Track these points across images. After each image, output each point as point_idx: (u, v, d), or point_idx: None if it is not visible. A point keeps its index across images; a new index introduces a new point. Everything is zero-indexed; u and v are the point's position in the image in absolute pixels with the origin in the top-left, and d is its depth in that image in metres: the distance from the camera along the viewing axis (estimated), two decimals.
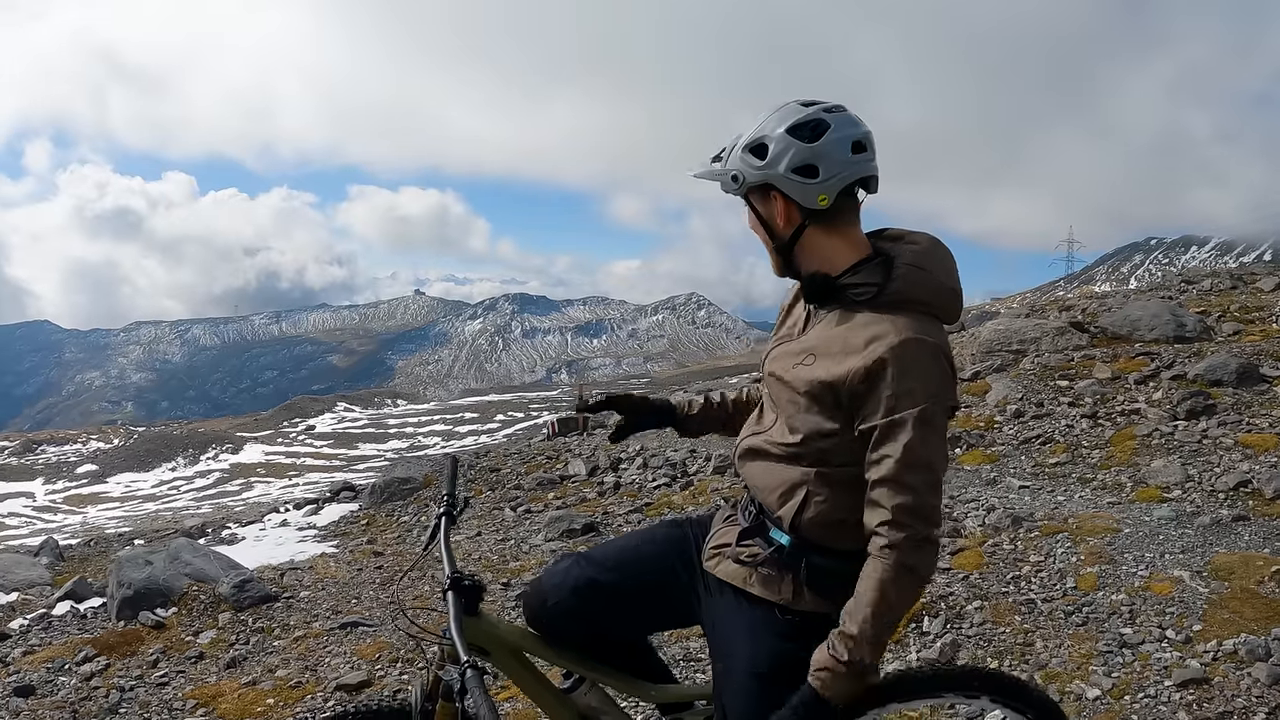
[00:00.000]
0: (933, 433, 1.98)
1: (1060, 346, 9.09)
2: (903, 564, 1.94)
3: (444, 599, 2.19)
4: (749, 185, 2.11)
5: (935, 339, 2.03)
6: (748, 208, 2.18)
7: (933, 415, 1.98)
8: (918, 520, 1.95)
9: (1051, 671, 3.91)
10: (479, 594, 2.27)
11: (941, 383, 2.02)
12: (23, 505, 43.17)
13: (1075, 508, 5.84)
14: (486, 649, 2.33)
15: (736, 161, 2.11)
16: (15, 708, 4.73)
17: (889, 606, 1.95)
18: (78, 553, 11.58)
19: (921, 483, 1.95)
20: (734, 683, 2.19)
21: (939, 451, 2.00)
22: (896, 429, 1.95)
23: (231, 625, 5.77)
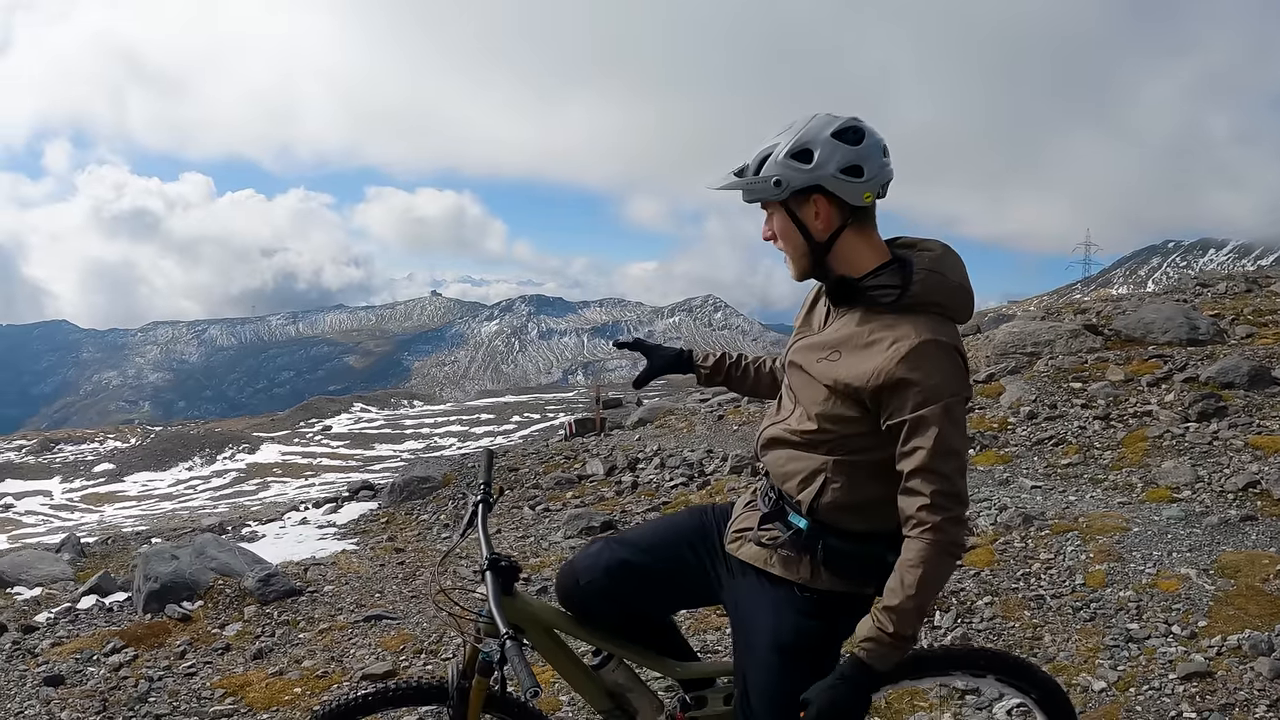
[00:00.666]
0: (956, 424, 2.15)
1: (1074, 349, 9.15)
2: (942, 541, 2.11)
3: (483, 579, 2.36)
4: (792, 189, 2.23)
5: (952, 339, 2.20)
6: (780, 213, 2.28)
7: (955, 408, 2.15)
8: (952, 501, 2.12)
9: (1059, 664, 4.00)
10: (515, 575, 2.44)
11: (960, 378, 2.19)
12: (40, 503, 43.43)
13: (1086, 507, 5.92)
14: (521, 627, 2.47)
15: (778, 169, 2.22)
16: (46, 696, 4.82)
17: (931, 580, 2.12)
18: (98, 549, 11.76)
19: (952, 469, 2.13)
20: (757, 658, 2.32)
21: (963, 440, 2.17)
22: (926, 423, 2.11)
23: (257, 618, 5.88)
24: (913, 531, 2.13)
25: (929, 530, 2.10)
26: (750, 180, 2.25)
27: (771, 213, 2.30)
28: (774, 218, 2.30)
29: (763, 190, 2.24)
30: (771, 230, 2.32)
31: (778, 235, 2.31)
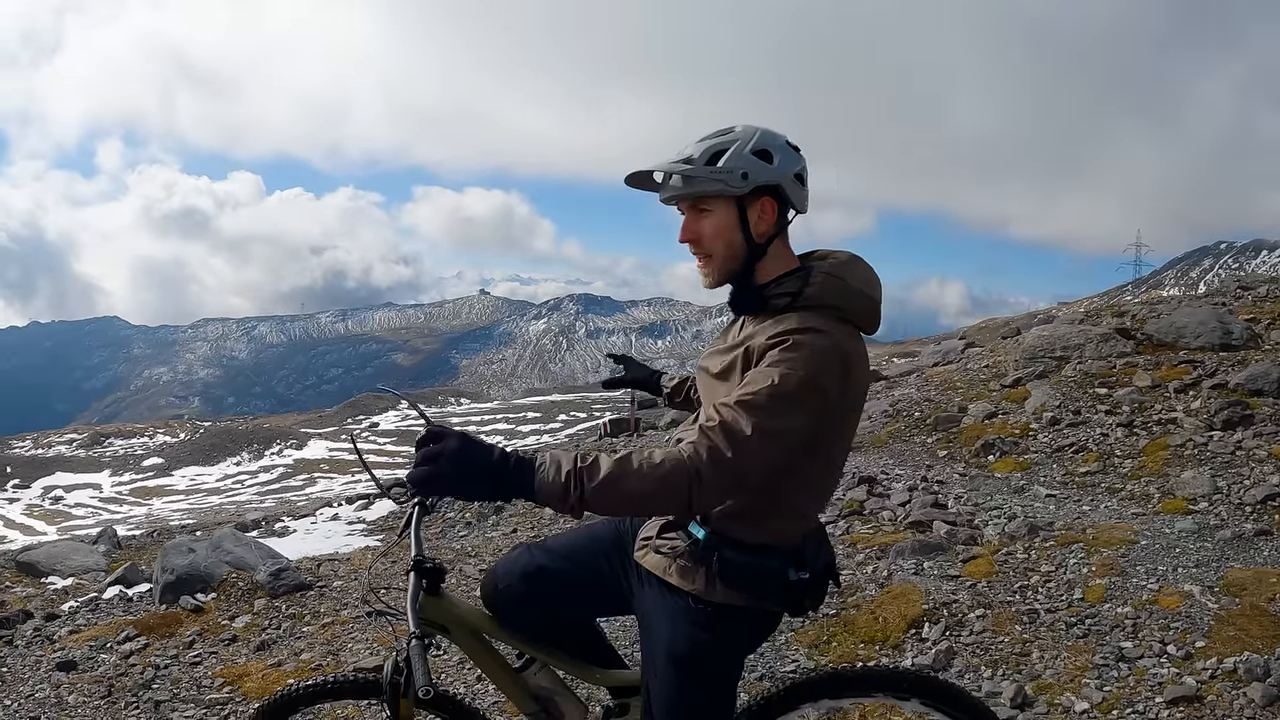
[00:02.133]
0: (788, 400, 2.00)
1: (1104, 353, 8.96)
2: (691, 467, 1.92)
3: (407, 578, 2.36)
4: (755, 184, 2.20)
5: (836, 336, 2.11)
6: (726, 210, 2.23)
7: (796, 387, 2.01)
8: (730, 440, 1.95)
9: (1043, 683, 3.90)
10: (440, 576, 2.44)
11: (824, 371, 2.05)
12: (89, 496, 44.45)
13: (1098, 518, 5.78)
14: (447, 627, 2.49)
15: (743, 162, 2.19)
16: (56, 680, 4.99)
17: (637, 477, 1.90)
18: (135, 542, 12.02)
19: (750, 423, 1.96)
20: (656, 668, 2.31)
21: (782, 418, 1.99)
22: (756, 376, 2.03)
23: (266, 611, 5.97)
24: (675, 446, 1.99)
25: (688, 446, 1.95)
26: (711, 170, 2.18)
27: (708, 210, 2.23)
28: (709, 216, 2.23)
29: (726, 181, 2.18)
30: (696, 230, 2.25)
31: (709, 235, 2.23)
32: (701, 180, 2.20)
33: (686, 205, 2.27)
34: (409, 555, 2.42)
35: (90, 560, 8.58)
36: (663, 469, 1.90)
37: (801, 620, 4.86)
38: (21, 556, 8.18)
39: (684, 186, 2.23)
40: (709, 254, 2.26)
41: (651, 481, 1.90)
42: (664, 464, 1.91)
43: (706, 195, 2.22)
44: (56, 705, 4.71)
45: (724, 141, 2.21)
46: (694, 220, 2.26)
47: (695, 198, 2.24)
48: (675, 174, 2.23)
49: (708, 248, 2.25)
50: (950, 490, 6.78)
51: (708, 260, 2.27)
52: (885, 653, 4.45)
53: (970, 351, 13.86)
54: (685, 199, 2.25)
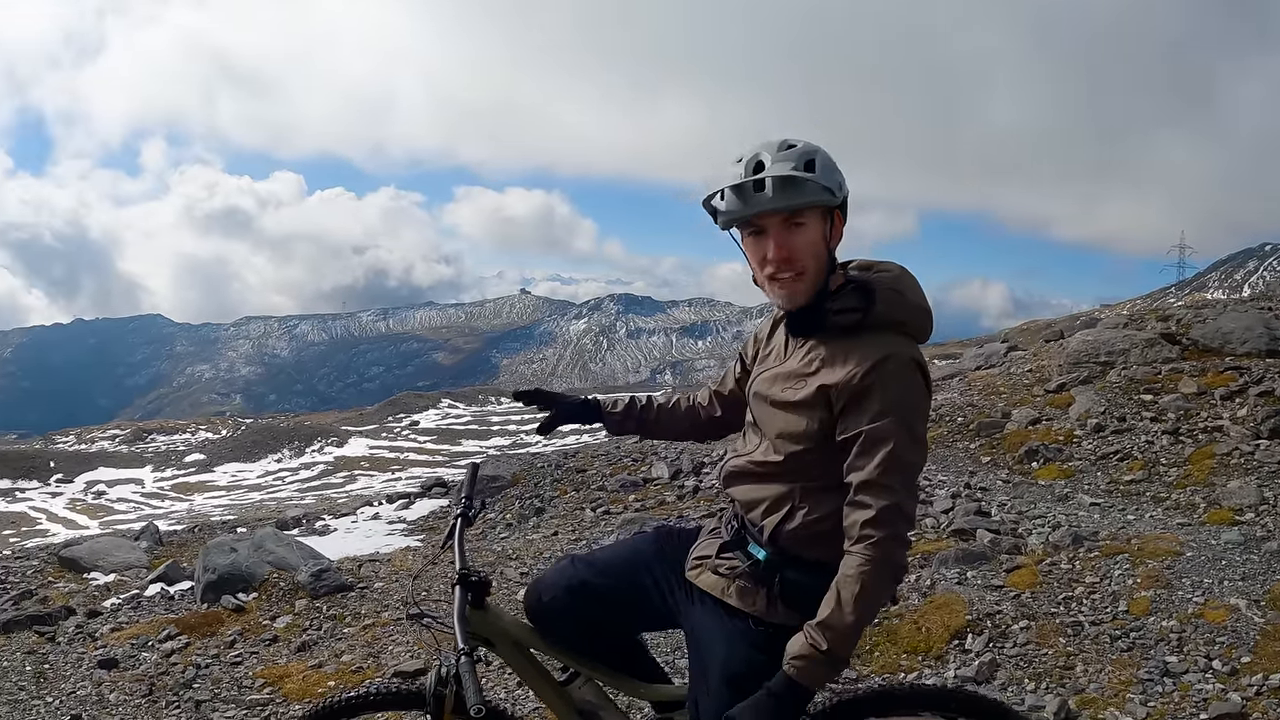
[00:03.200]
0: (914, 439, 2.10)
1: (1149, 359, 8.81)
2: (884, 559, 2.04)
3: (453, 593, 2.36)
4: (843, 196, 2.18)
5: (915, 355, 2.16)
6: (817, 224, 2.17)
7: (914, 423, 2.11)
8: (899, 519, 2.06)
9: (1087, 697, 3.84)
10: (485, 589, 2.44)
11: (921, 394, 2.16)
12: (132, 491, 45.00)
13: (1143, 527, 5.69)
14: (491, 640, 2.50)
15: (834, 175, 2.16)
16: (98, 678, 5.05)
17: (868, 598, 2.04)
18: (177, 538, 12.17)
19: (901, 485, 2.06)
20: (708, 687, 2.29)
21: (918, 455, 2.12)
22: (881, 435, 2.06)
23: (307, 612, 6.00)
24: (854, 547, 2.06)
25: (871, 545, 2.04)
26: (817, 178, 2.11)
27: (803, 224, 2.15)
28: (803, 230, 2.15)
29: (833, 190, 2.14)
30: (791, 245, 2.15)
31: (805, 249, 2.16)
32: (811, 188, 2.11)
33: (778, 220, 2.14)
34: (454, 567, 2.43)
35: (132, 556, 8.67)
36: (868, 586, 2.04)
37: None
38: (64, 552, 8.27)
39: (786, 199, 2.11)
40: (801, 271, 2.17)
41: (872, 602, 2.06)
42: (864, 581, 2.03)
43: (805, 207, 2.14)
44: (98, 703, 4.77)
45: (808, 149, 2.14)
46: (787, 234, 2.15)
47: (795, 209, 2.14)
48: (797, 177, 2.10)
49: (801, 264, 2.17)
50: (994, 498, 6.70)
51: (799, 277, 2.18)
52: (928, 664, 4.41)
53: (1013, 355, 13.69)
54: (783, 211, 2.13)
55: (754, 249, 2.21)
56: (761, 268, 2.21)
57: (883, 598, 2.11)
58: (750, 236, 2.21)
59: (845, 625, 2.03)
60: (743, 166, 2.16)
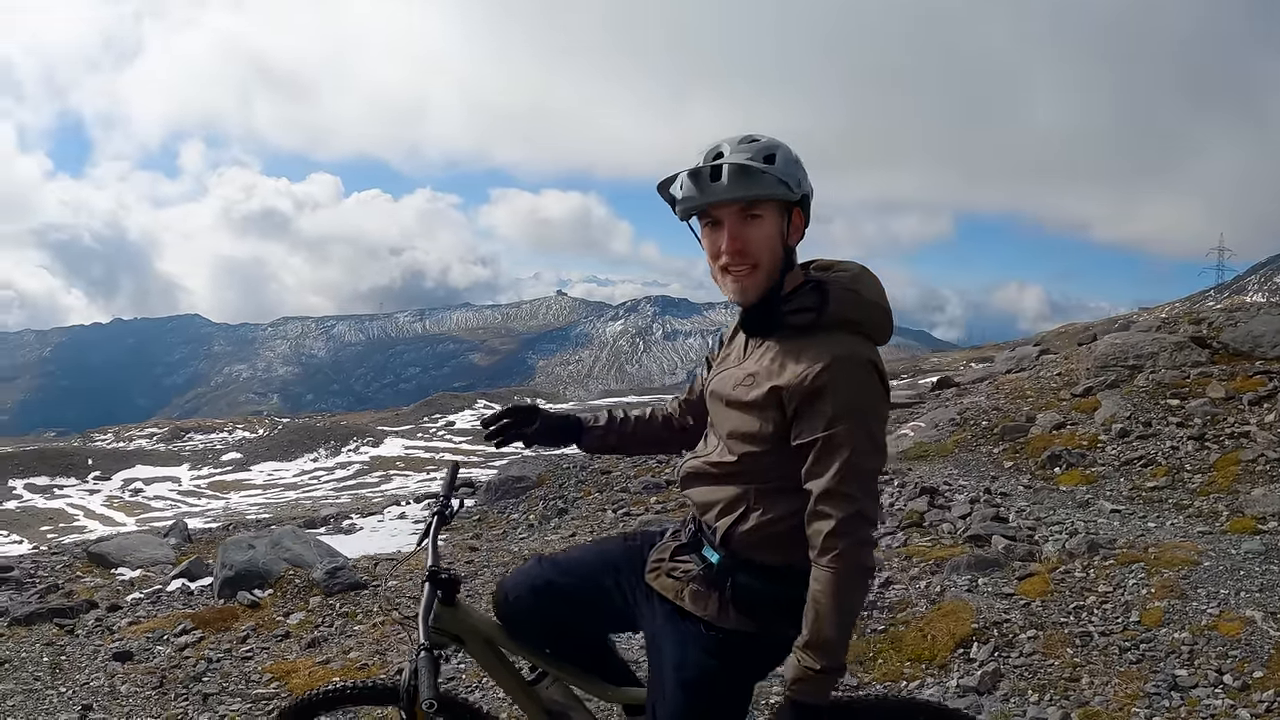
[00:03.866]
0: (872, 444, 2.07)
1: (1178, 363, 8.63)
2: (851, 568, 2.02)
3: (423, 589, 2.37)
4: (803, 192, 2.16)
5: (870, 355, 2.12)
6: (774, 219, 2.14)
7: (871, 427, 2.08)
8: (862, 524, 2.03)
9: (1091, 710, 3.75)
10: (455, 586, 2.43)
11: (876, 397, 2.11)
12: (169, 489, 45.70)
13: (1163, 536, 5.57)
14: (462, 637, 2.50)
15: (795, 169, 2.13)
16: (112, 670, 5.14)
17: (844, 608, 2.03)
18: (206, 535, 12.32)
19: (861, 491, 2.03)
20: (664, 693, 2.27)
21: (877, 458, 2.09)
22: (837, 442, 2.03)
23: (320, 609, 6.03)
24: (821, 559, 2.03)
25: (836, 558, 2.01)
26: (775, 169, 2.09)
27: (759, 216, 2.13)
28: (758, 223, 2.13)
29: (790, 183, 2.11)
30: (745, 237, 2.13)
31: (759, 243, 2.14)
32: (766, 181, 2.09)
33: (733, 211, 2.12)
34: (426, 565, 2.44)
35: (160, 553, 8.79)
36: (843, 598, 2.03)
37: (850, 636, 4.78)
38: (93, 547, 8.42)
39: (741, 189, 2.09)
40: (755, 264, 2.15)
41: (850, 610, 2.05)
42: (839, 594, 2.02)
43: (762, 199, 2.11)
44: (109, 694, 4.84)
45: (770, 144, 2.13)
46: (742, 226, 2.13)
47: (752, 201, 2.11)
48: (753, 168, 2.08)
49: (755, 257, 2.14)
50: (1013, 503, 6.59)
51: (752, 271, 2.15)
52: (931, 672, 4.34)
53: (1044, 358, 13.52)
54: (739, 202, 2.11)
55: (710, 240, 2.19)
56: (716, 259, 2.19)
57: (858, 603, 2.09)
58: (708, 228, 2.19)
59: (830, 640, 2.02)
60: (702, 155, 2.15)
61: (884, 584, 5.35)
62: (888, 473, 7.51)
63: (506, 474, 11.36)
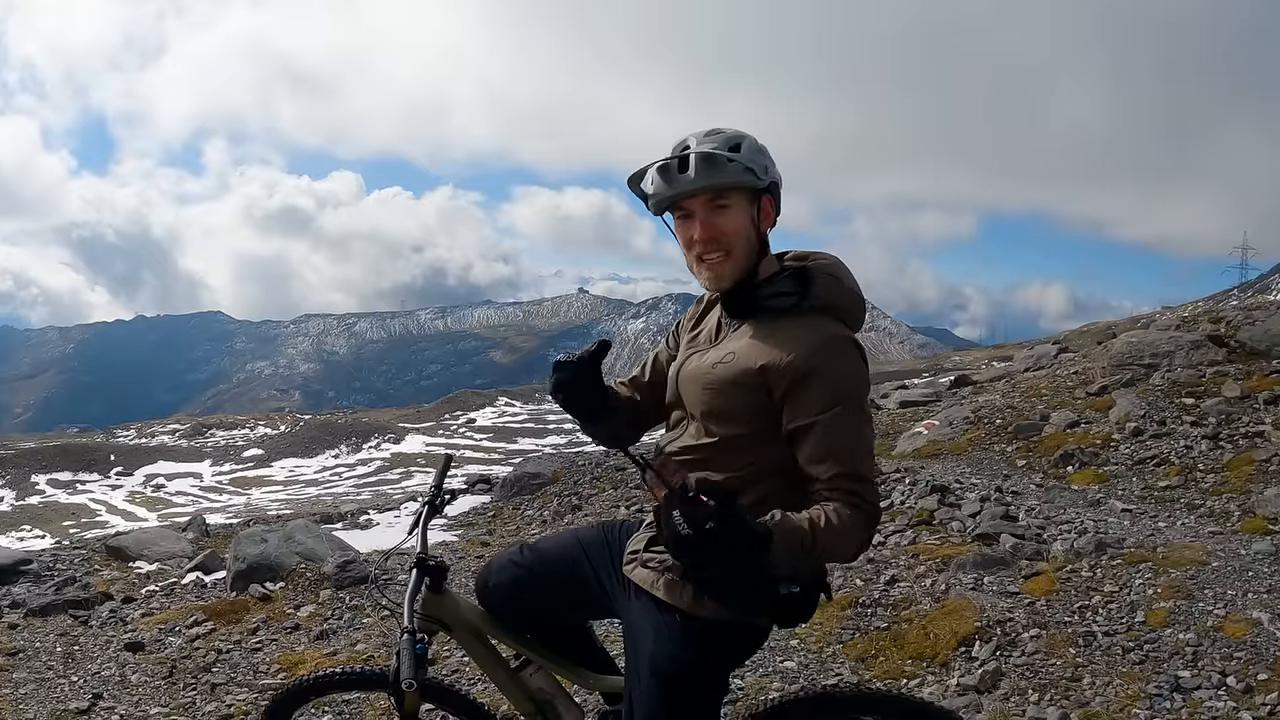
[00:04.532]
0: (866, 421, 2.13)
1: (1194, 361, 8.57)
2: (862, 520, 2.02)
3: (409, 575, 2.42)
4: (770, 180, 2.19)
5: (853, 337, 2.17)
6: (743, 207, 2.17)
7: (865, 407, 2.14)
8: (877, 498, 2.08)
9: (1091, 711, 3.72)
10: (443, 574, 2.48)
11: (863, 377, 2.16)
12: (190, 485, 46.01)
13: (1172, 536, 5.53)
14: (448, 624, 2.53)
15: (760, 157, 2.17)
16: (123, 660, 5.19)
17: (843, 536, 2.00)
18: (225, 530, 12.41)
19: (869, 468, 2.08)
20: (639, 682, 2.28)
21: (872, 437, 2.16)
22: (843, 421, 2.06)
23: (330, 602, 6.08)
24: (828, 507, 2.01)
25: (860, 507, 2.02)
26: (740, 158, 2.12)
27: (727, 206, 2.16)
28: (728, 212, 2.16)
29: (755, 171, 2.14)
30: (715, 226, 2.16)
31: (731, 231, 2.17)
32: (733, 170, 2.12)
33: (702, 201, 2.15)
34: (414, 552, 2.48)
35: (177, 547, 8.84)
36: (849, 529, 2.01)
37: (853, 633, 4.77)
38: (112, 541, 8.48)
39: (707, 178, 2.12)
40: (727, 251, 2.18)
41: (857, 530, 2.03)
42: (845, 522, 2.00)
43: (728, 188, 2.14)
44: (120, 683, 4.89)
45: (735, 135, 2.17)
46: (711, 216, 2.16)
47: (718, 190, 2.14)
48: (718, 157, 2.11)
49: (727, 245, 2.18)
50: (1023, 502, 6.56)
51: (724, 259, 2.19)
52: (932, 670, 4.32)
53: (1063, 357, 13.45)
54: (706, 192, 2.14)
55: (683, 232, 2.22)
56: (690, 249, 2.22)
57: (850, 547, 2.06)
58: (680, 220, 2.22)
59: (784, 553, 1.95)
60: (670, 150, 2.19)
61: (889, 581, 5.35)
62: (899, 470, 7.50)
63: (521, 470, 11.39)
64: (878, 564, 5.65)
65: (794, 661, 4.57)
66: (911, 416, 11.40)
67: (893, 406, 13.40)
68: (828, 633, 4.81)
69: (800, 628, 4.82)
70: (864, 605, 5.04)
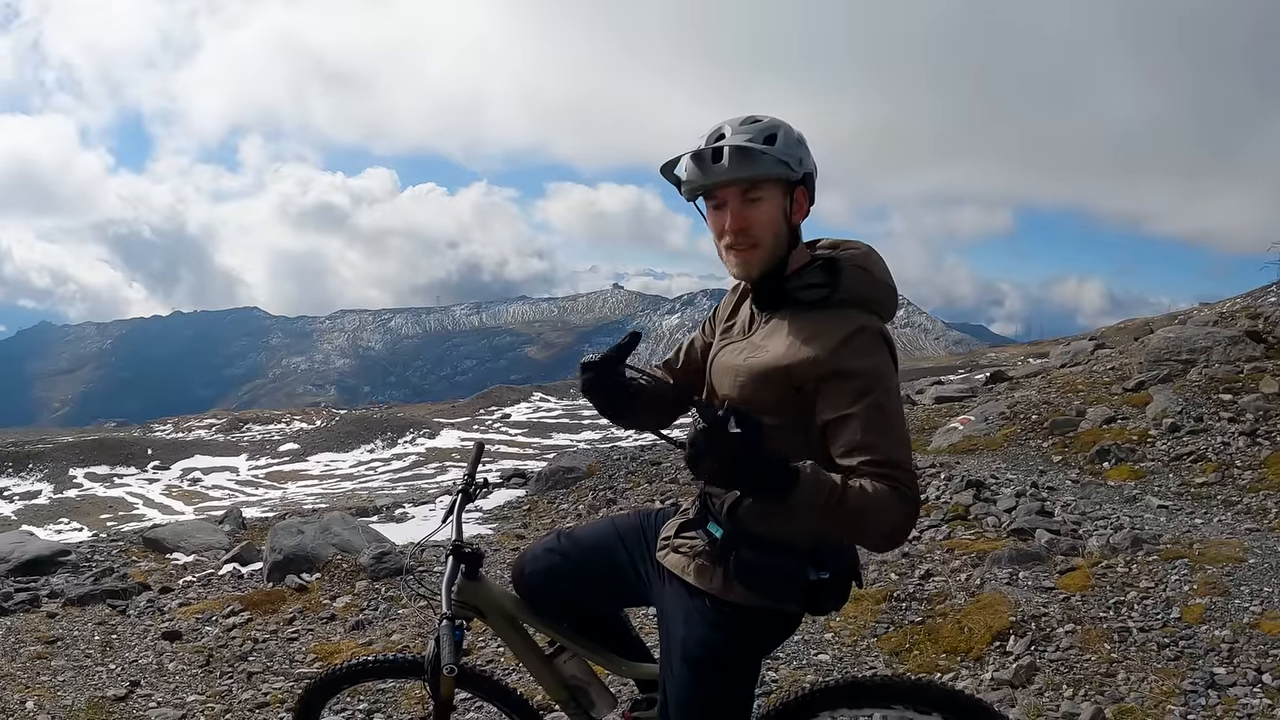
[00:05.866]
0: (898, 411, 2.10)
1: (1232, 357, 8.45)
2: (903, 501, 1.96)
3: (446, 562, 2.44)
4: (804, 172, 2.17)
5: (883, 330, 2.14)
6: (776, 198, 2.16)
7: (896, 399, 2.10)
8: (913, 483, 2.01)
9: (1125, 706, 3.69)
10: (478, 561, 2.50)
11: (892, 369, 2.13)
12: (226, 479, 46.63)
13: (1209, 532, 5.47)
14: (483, 611, 2.55)
15: (796, 148, 2.15)
16: (160, 648, 5.28)
17: (859, 501, 1.93)
18: (261, 523, 12.57)
19: (904, 456, 2.03)
20: (671, 668, 2.29)
21: (905, 428, 2.11)
22: (877, 412, 2.03)
23: (365, 592, 6.13)
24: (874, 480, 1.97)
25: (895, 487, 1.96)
26: (775, 150, 2.11)
27: (760, 197, 2.14)
28: (760, 203, 2.15)
29: (790, 163, 2.12)
30: (747, 218, 2.15)
31: (761, 223, 2.15)
32: (766, 163, 2.11)
33: (734, 192, 2.14)
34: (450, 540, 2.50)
35: (214, 539, 8.96)
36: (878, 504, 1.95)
37: (887, 626, 4.77)
38: (149, 533, 8.59)
39: (740, 170, 2.11)
40: (755, 243, 2.17)
41: (890, 506, 1.95)
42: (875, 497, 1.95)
43: (761, 179, 2.13)
44: (157, 671, 4.97)
45: (771, 124, 2.15)
46: (743, 207, 2.15)
47: (751, 181, 2.13)
48: (752, 149, 2.09)
49: (757, 237, 2.16)
50: (1059, 498, 6.51)
51: (752, 251, 2.17)
52: (966, 664, 4.31)
53: (1100, 353, 13.30)
54: (739, 183, 2.13)
55: (714, 220, 2.21)
56: (720, 238, 2.21)
57: (873, 522, 1.96)
58: (712, 208, 2.21)
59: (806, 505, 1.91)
60: (704, 138, 2.17)
61: (924, 576, 5.33)
62: (935, 466, 7.46)
63: (557, 464, 11.43)
64: (912, 558, 5.64)
65: (828, 654, 4.57)
66: (947, 412, 11.32)
67: (928, 402, 13.31)
68: (862, 626, 4.81)
69: (834, 621, 4.82)
70: (898, 599, 5.03)
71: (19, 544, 7.55)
